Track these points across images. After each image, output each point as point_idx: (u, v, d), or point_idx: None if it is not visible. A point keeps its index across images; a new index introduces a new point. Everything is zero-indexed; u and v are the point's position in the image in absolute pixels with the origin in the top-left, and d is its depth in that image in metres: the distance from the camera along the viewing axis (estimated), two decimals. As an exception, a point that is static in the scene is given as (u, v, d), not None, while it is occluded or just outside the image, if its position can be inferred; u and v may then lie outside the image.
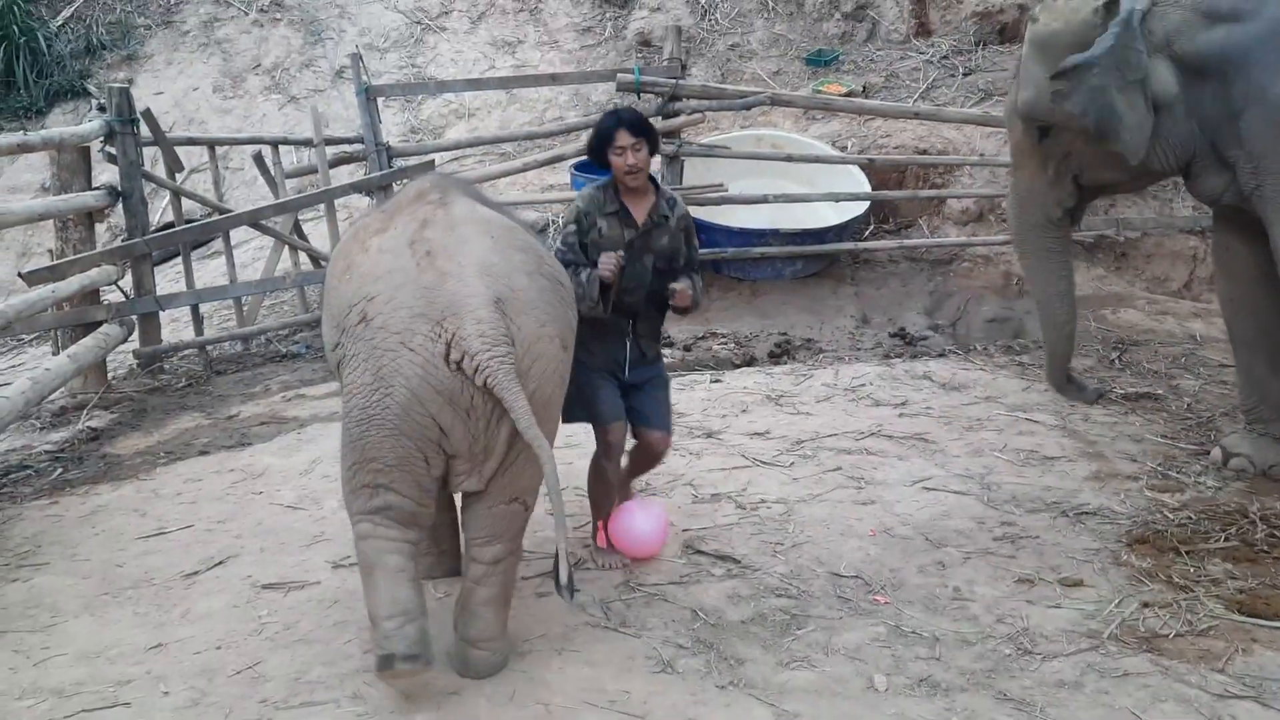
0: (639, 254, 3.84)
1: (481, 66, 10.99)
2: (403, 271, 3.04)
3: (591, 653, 3.40)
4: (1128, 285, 7.75)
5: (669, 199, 3.96)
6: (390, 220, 3.23)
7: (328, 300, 3.30)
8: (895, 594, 3.75)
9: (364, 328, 3.02)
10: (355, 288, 3.10)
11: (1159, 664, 3.31)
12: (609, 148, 3.77)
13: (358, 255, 3.18)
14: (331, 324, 3.21)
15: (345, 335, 3.10)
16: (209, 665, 3.39)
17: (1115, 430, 5.20)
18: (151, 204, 7.84)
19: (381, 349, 2.98)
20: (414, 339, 2.96)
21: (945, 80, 9.82)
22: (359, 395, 3.02)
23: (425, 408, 2.98)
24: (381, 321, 2.99)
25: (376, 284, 3.04)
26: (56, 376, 5.67)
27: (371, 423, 3.00)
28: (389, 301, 3.00)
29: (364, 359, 3.01)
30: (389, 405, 2.98)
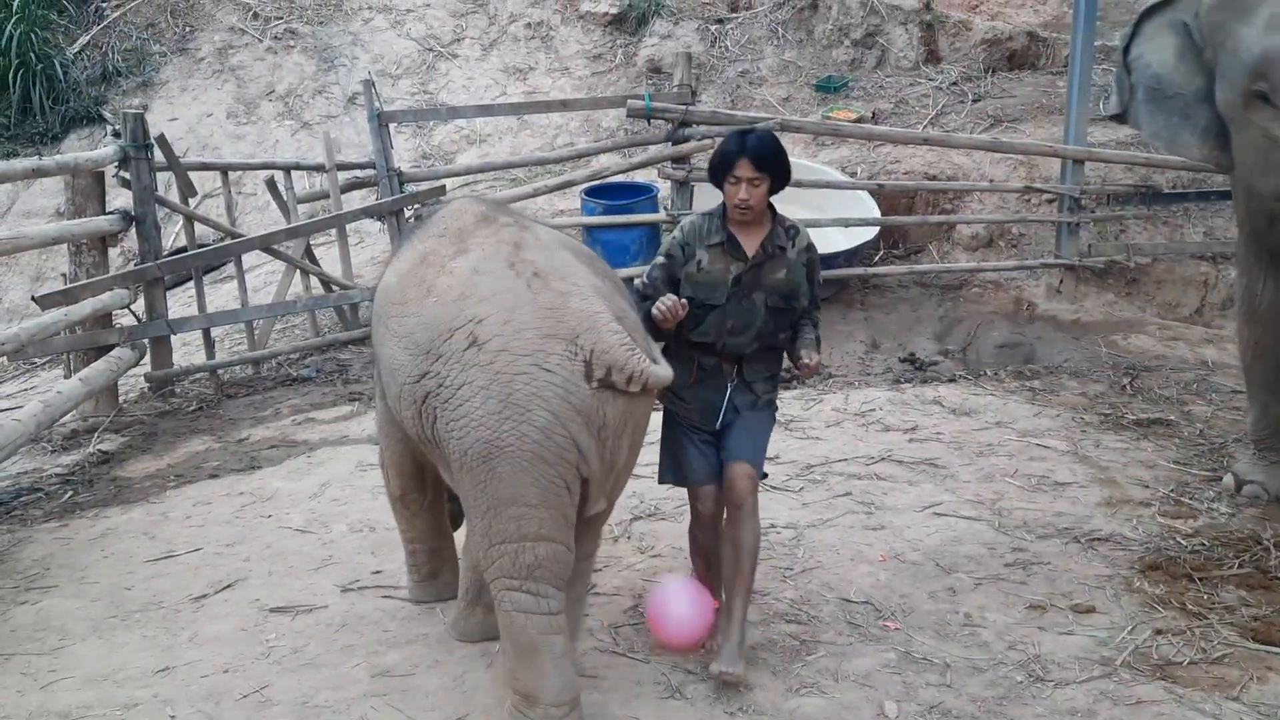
0: (747, 291, 3.40)
1: (493, 93, 11.06)
2: (513, 293, 2.86)
3: (600, 678, 3.38)
4: (1139, 311, 7.73)
5: (789, 228, 3.48)
6: (463, 242, 3.05)
7: (398, 329, 3.03)
8: (906, 620, 3.73)
9: (476, 352, 2.80)
10: (451, 310, 2.87)
11: (1173, 692, 3.28)
12: (727, 174, 3.37)
13: (438, 278, 2.97)
14: (412, 352, 2.95)
15: (442, 362, 2.86)
16: (216, 689, 3.38)
17: (1127, 456, 5.18)
18: (164, 228, 7.88)
19: (509, 373, 2.78)
20: (549, 359, 2.79)
21: (954, 107, 9.85)
22: (482, 427, 2.78)
23: (566, 428, 2.81)
24: (502, 344, 2.79)
25: (482, 305, 2.84)
26: (68, 399, 5.68)
27: (505, 455, 2.78)
28: (506, 323, 2.81)
29: (482, 386, 2.78)
30: (526, 432, 2.77)
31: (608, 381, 2.82)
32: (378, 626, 3.73)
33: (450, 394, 2.83)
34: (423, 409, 2.94)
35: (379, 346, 3.25)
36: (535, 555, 2.88)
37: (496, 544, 2.89)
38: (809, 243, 3.51)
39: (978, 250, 8.46)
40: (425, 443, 3.09)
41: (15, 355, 6.00)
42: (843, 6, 10.95)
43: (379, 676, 3.42)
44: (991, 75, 10.26)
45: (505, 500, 2.83)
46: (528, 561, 2.88)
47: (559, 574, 2.95)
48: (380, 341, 3.21)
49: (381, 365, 3.24)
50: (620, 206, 7.90)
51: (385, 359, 3.14)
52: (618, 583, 4.02)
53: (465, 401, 2.80)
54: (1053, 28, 10.59)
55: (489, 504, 2.85)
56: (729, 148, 3.36)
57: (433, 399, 2.88)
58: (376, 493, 4.85)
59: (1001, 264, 8.05)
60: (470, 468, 2.84)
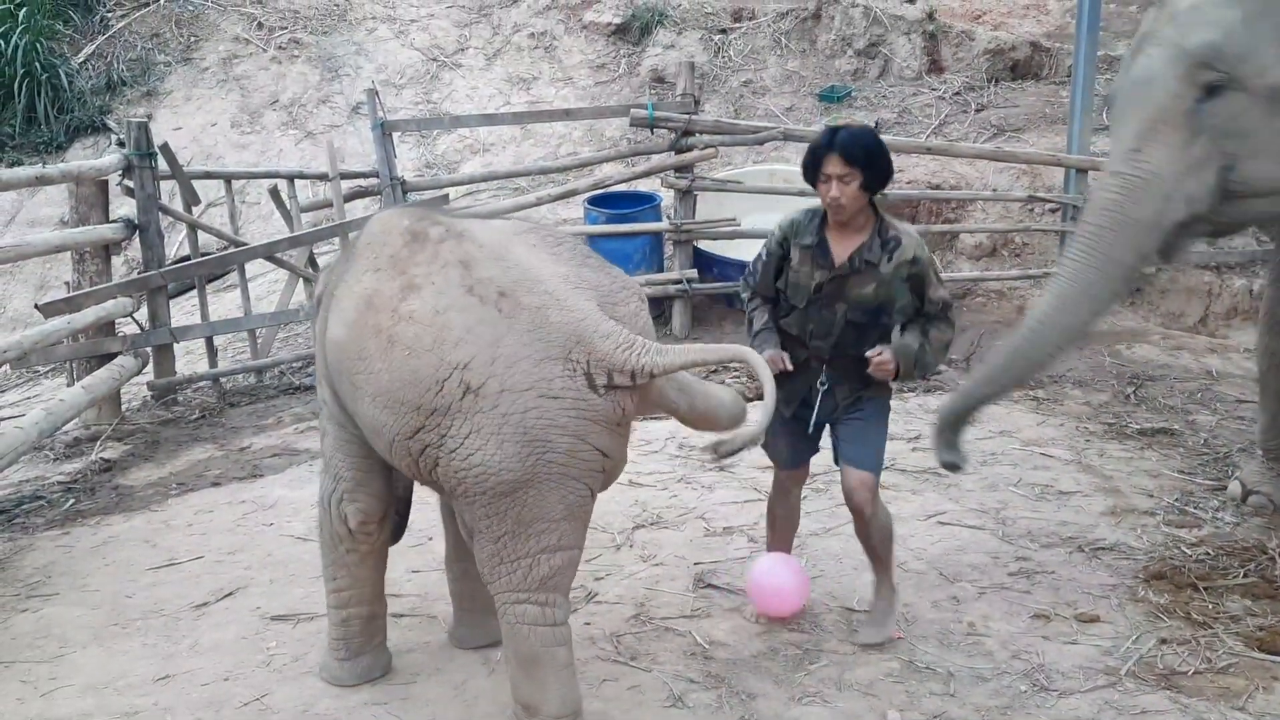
0: (828, 300, 3.31)
1: (497, 102, 11.08)
2: (487, 324, 2.67)
3: (602, 687, 3.37)
4: (1142, 320, 7.72)
5: (890, 239, 3.28)
6: (405, 274, 2.79)
7: (369, 386, 2.79)
8: (909, 629, 3.71)
9: (475, 400, 2.64)
10: (430, 362, 2.66)
11: (1178, 701, 3.26)
12: (817, 171, 3.22)
13: (397, 326, 2.72)
14: (395, 411, 2.74)
15: (439, 416, 2.68)
16: (217, 697, 3.37)
17: (1131, 465, 5.16)
18: (168, 237, 7.88)
19: (517, 412, 2.64)
20: (552, 385, 2.66)
21: (957, 116, 9.86)
22: (504, 470, 2.67)
23: (588, 443, 2.73)
24: (499, 385, 2.63)
25: (460, 349, 2.65)
26: (70, 407, 5.68)
27: (532, 485, 2.71)
28: (494, 361, 2.64)
29: (493, 432, 2.65)
30: (552, 459, 2.69)
31: (613, 384, 2.73)
32: (379, 635, 3.71)
33: (457, 444, 2.69)
34: (421, 459, 2.79)
35: (349, 401, 2.98)
36: (551, 565, 2.84)
37: (510, 560, 2.82)
38: (914, 255, 3.28)
39: (981, 259, 8.46)
40: (421, 479, 2.95)
41: (18, 363, 5.99)
42: (846, 16, 10.97)
43: (380, 684, 3.40)
44: (994, 85, 10.27)
45: (529, 520, 2.76)
46: (542, 573, 2.83)
47: (570, 580, 2.94)
48: (349, 397, 2.96)
49: (359, 420, 2.98)
50: (623, 215, 7.91)
51: (362, 416, 2.91)
52: (620, 591, 4.01)
53: (478, 450, 2.67)
54: (1056, 38, 10.60)
55: (510, 527, 2.78)
56: (818, 143, 3.21)
57: (434, 450, 2.73)
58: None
59: (1005, 273, 8.05)
60: (490, 502, 2.75)
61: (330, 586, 3.37)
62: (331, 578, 3.35)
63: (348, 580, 3.34)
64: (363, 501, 3.24)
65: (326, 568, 3.37)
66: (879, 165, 3.22)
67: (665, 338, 7.69)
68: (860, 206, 3.26)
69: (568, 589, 2.95)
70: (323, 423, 3.29)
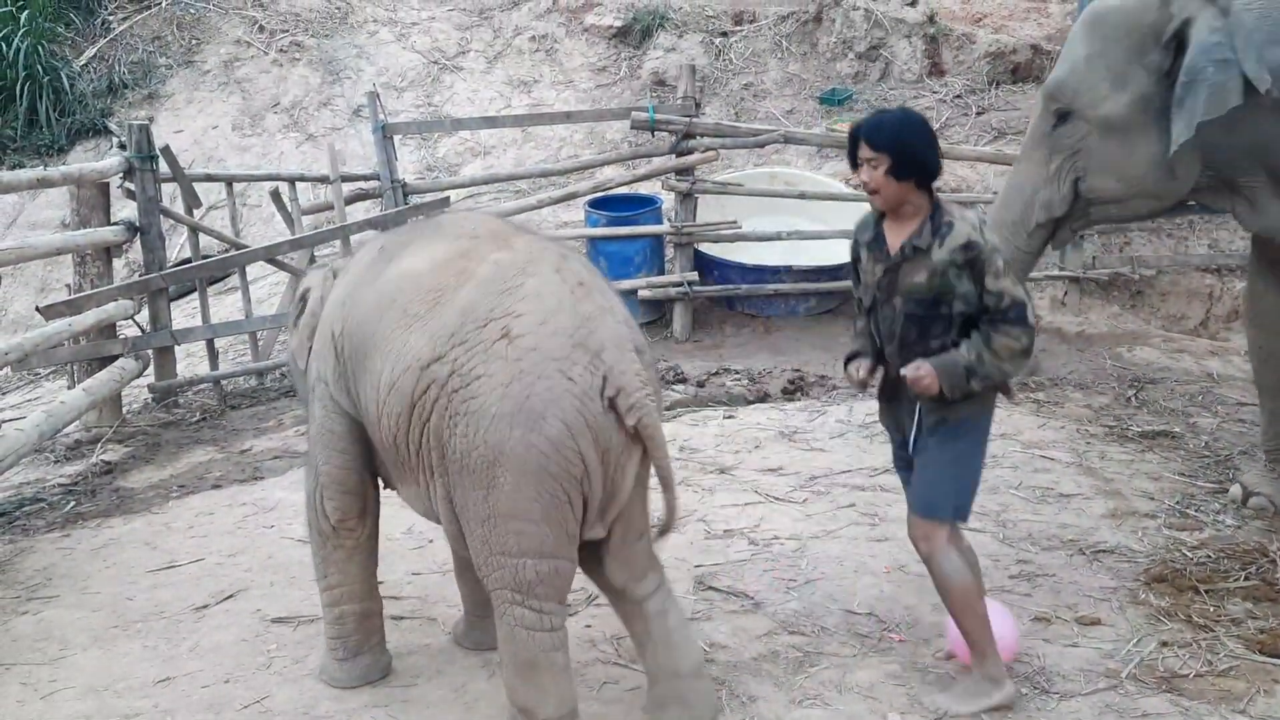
0: (888, 295, 3.12)
1: (498, 105, 11.09)
2: (556, 296, 2.76)
3: (602, 689, 3.37)
4: (1144, 323, 7.72)
5: (943, 224, 3.04)
6: (507, 243, 2.95)
7: (418, 311, 2.85)
8: (910, 632, 3.71)
9: (506, 345, 2.69)
10: (491, 300, 2.75)
11: (1179, 704, 3.25)
12: (854, 159, 3.13)
13: (480, 267, 2.85)
14: (430, 335, 2.78)
15: (465, 349, 2.72)
16: (217, 699, 3.37)
17: (1132, 468, 5.16)
18: (169, 240, 7.89)
19: (532, 375, 2.67)
20: (573, 369, 2.70)
21: (958, 119, 9.86)
22: (492, 430, 2.67)
23: (576, 442, 2.70)
24: (534, 343, 2.69)
25: (524, 302, 2.73)
26: (71, 410, 5.69)
27: (510, 464, 2.67)
28: (542, 324, 2.71)
29: (502, 384, 2.67)
30: (535, 441, 2.66)
31: (613, 404, 2.74)
32: (379, 637, 3.71)
33: (463, 383, 2.70)
34: (417, 404, 2.79)
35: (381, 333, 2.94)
36: (537, 572, 2.79)
37: (496, 555, 2.79)
38: (967, 239, 3.01)
39: (982, 262, 8.44)
40: (397, 450, 2.94)
41: (19, 365, 6.00)
42: (847, 20, 10.97)
43: (380, 687, 3.40)
44: (995, 88, 10.27)
45: (505, 514, 2.73)
46: (528, 578, 2.79)
47: (561, 590, 2.88)
48: (376, 332, 2.94)
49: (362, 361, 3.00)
50: (624, 218, 7.91)
51: (390, 344, 2.89)
52: (620, 594, 4.00)
53: (479, 395, 2.68)
54: (1056, 41, 10.59)
55: (489, 514, 2.74)
56: (851, 132, 3.12)
57: (435, 389, 2.74)
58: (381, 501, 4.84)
59: (1006, 276, 8.03)
60: (472, 469, 2.72)
61: (322, 585, 3.40)
62: (323, 575, 3.39)
63: (338, 577, 3.36)
64: (339, 499, 3.27)
65: (318, 565, 3.40)
66: (908, 150, 3.04)
67: (666, 340, 7.69)
68: (899, 193, 3.06)
69: (561, 599, 2.91)
70: (310, 412, 3.33)
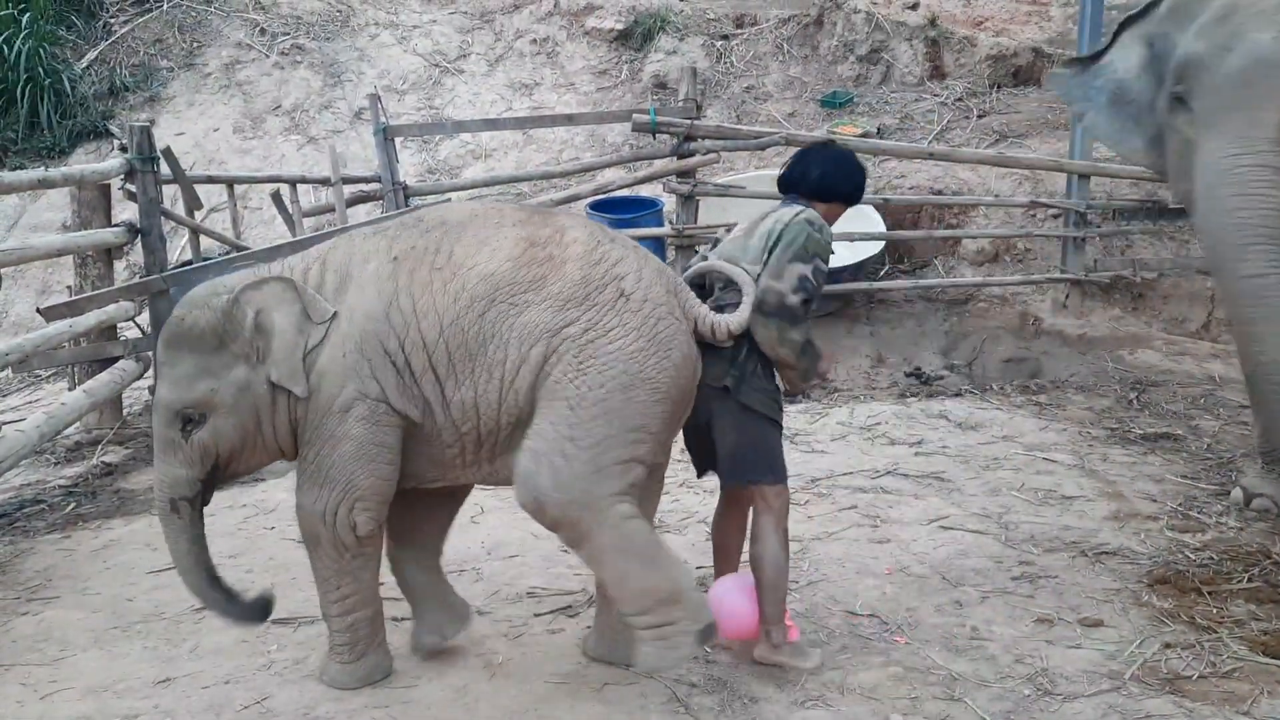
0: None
1: (499, 108, 11.08)
2: (633, 257, 3.27)
3: (604, 690, 3.36)
4: (1145, 326, 7.71)
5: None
6: (550, 226, 3.28)
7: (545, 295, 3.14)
8: (912, 633, 3.70)
9: (625, 301, 3.16)
10: (598, 270, 3.19)
11: (1182, 706, 3.24)
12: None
13: (566, 250, 3.21)
14: (555, 308, 3.12)
15: (595, 310, 3.14)
16: (217, 700, 3.36)
17: (1134, 470, 5.15)
18: (170, 241, 7.89)
19: (655, 317, 3.17)
20: (674, 310, 3.25)
21: (959, 122, 9.85)
22: (631, 360, 3.11)
23: (683, 372, 3.22)
24: (645, 294, 3.19)
25: (619, 266, 3.21)
26: (72, 411, 5.68)
27: (643, 384, 3.13)
28: (640, 280, 3.21)
29: (634, 326, 3.14)
30: (665, 367, 3.16)
31: (695, 333, 3.29)
32: (380, 638, 3.70)
33: (599, 334, 3.12)
34: (548, 361, 3.11)
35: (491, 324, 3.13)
36: (637, 475, 3.17)
37: (607, 465, 3.10)
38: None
39: (983, 265, 8.44)
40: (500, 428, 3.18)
41: (20, 367, 6.00)
42: (848, 23, 10.97)
43: (381, 688, 3.39)
44: (996, 91, 10.26)
45: (634, 426, 3.13)
46: (630, 480, 3.15)
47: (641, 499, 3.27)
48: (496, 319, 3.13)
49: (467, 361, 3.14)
50: (625, 220, 7.90)
51: (513, 329, 3.12)
52: (622, 595, 3.99)
53: (618, 340, 3.12)
54: (1057, 44, 10.60)
55: (615, 430, 3.10)
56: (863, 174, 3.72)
57: (569, 344, 3.10)
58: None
59: (1007, 279, 8.04)
60: (599, 399, 3.09)
61: (333, 596, 3.33)
62: (335, 586, 3.32)
63: (352, 586, 3.32)
64: (375, 510, 3.24)
65: (327, 579, 3.32)
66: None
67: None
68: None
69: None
70: (335, 431, 3.19)
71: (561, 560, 4.29)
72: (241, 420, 3.24)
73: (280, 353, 3.19)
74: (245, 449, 3.31)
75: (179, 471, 3.29)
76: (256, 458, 3.37)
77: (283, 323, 3.20)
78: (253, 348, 3.21)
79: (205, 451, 3.26)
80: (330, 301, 3.22)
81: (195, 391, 3.22)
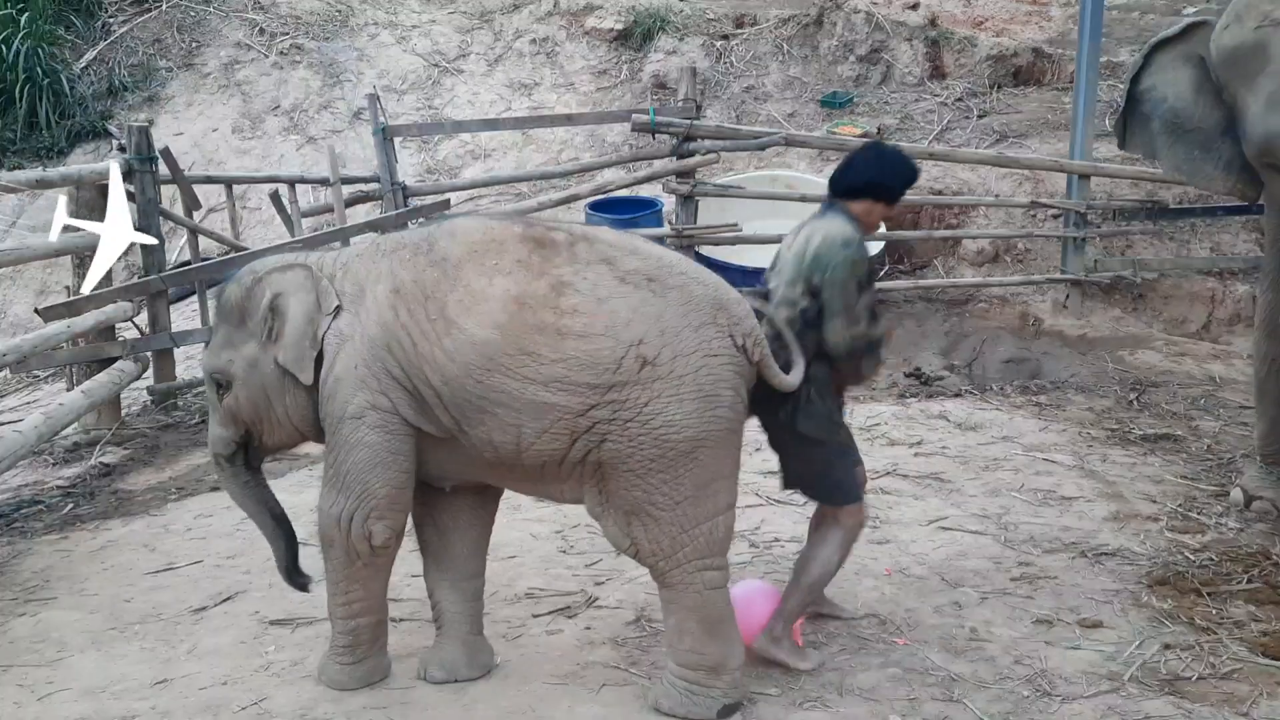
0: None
1: (498, 108, 11.07)
2: (648, 305, 3.02)
3: (602, 692, 3.35)
4: (1145, 326, 7.70)
5: None
6: (552, 274, 3.03)
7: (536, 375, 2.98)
8: (911, 634, 3.69)
9: (652, 369, 2.99)
10: (606, 344, 2.97)
11: (1181, 707, 3.24)
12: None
13: (562, 320, 2.98)
14: (569, 392, 2.98)
15: (618, 390, 2.98)
16: (215, 701, 3.35)
17: (1134, 471, 5.14)
18: (169, 242, 7.89)
19: (690, 373, 3.01)
20: (711, 344, 3.05)
21: (960, 122, 9.84)
22: (684, 428, 3.00)
23: (740, 396, 3.13)
24: (671, 354, 3.00)
25: (630, 329, 2.98)
26: (70, 412, 5.67)
27: (707, 442, 3.04)
28: (662, 334, 3.00)
29: (673, 394, 2.99)
30: (721, 415, 3.06)
31: (743, 348, 3.11)
32: (378, 639, 3.69)
33: (636, 412, 2.99)
34: (586, 435, 3.03)
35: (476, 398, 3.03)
36: (726, 525, 3.17)
37: (692, 527, 3.08)
38: None
39: (983, 265, 8.43)
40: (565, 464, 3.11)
41: (18, 367, 5.99)
42: (848, 23, 10.96)
43: (379, 688, 3.39)
44: (997, 91, 10.25)
45: (707, 481, 3.08)
46: (721, 534, 3.15)
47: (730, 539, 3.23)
48: (499, 388, 3.00)
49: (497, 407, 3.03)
50: (625, 221, 7.90)
51: (521, 401, 3.00)
52: (621, 596, 3.99)
53: (660, 413, 2.99)
54: (1058, 44, 10.59)
55: (690, 492, 3.05)
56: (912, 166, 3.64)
57: (605, 425, 3.00)
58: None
59: (1007, 279, 8.03)
60: (667, 467, 3.02)
61: (340, 599, 3.32)
62: (343, 592, 3.31)
63: (361, 593, 3.32)
64: (391, 519, 3.23)
65: (337, 582, 3.30)
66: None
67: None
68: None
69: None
70: (349, 437, 3.15)
71: (560, 561, 4.28)
72: (252, 395, 3.32)
73: (290, 337, 3.23)
74: (262, 423, 3.37)
75: (218, 430, 3.44)
76: (278, 434, 3.40)
77: (296, 309, 3.23)
78: (265, 327, 3.27)
79: (232, 416, 3.38)
80: (346, 307, 3.20)
81: (219, 360, 3.35)
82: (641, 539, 3.10)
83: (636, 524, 3.09)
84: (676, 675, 3.20)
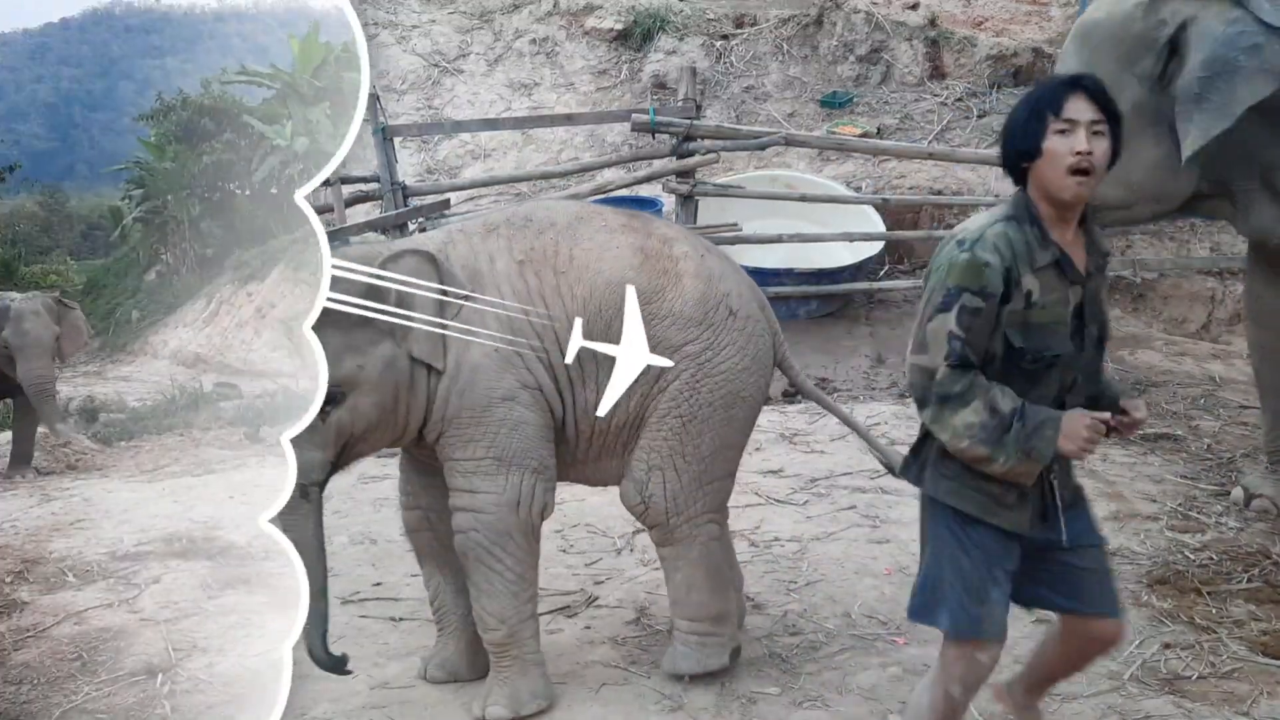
0: (1084, 326, 2.39)
1: (498, 108, 11.07)
2: (731, 269, 3.42)
3: (602, 690, 3.35)
4: (1145, 326, 7.70)
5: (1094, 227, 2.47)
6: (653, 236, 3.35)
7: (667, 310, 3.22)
8: (911, 634, 3.69)
9: (733, 319, 3.29)
10: (712, 288, 3.29)
11: (1181, 706, 3.24)
12: (1046, 127, 2.29)
13: (681, 264, 3.29)
14: (680, 326, 3.24)
15: (711, 330, 3.26)
16: (214, 701, 3.36)
17: (1134, 470, 5.14)
18: (169, 242, 7.87)
19: (753, 334, 3.33)
20: (767, 323, 3.42)
21: (959, 122, 9.84)
22: (734, 380, 3.27)
23: (770, 378, 3.45)
24: (746, 311, 3.34)
25: (724, 282, 3.33)
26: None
27: (742, 403, 3.30)
28: (741, 295, 3.35)
29: (740, 345, 3.29)
30: (760, 385, 3.37)
31: (776, 340, 3.46)
32: (377, 638, 3.70)
33: (714, 354, 3.25)
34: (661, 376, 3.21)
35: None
36: (727, 489, 3.41)
37: (708, 483, 3.29)
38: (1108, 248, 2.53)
39: (983, 265, 8.42)
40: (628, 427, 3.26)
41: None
42: (848, 23, 10.96)
43: (378, 688, 3.39)
44: (996, 91, 10.25)
45: (731, 443, 3.34)
46: (722, 497, 3.39)
47: None
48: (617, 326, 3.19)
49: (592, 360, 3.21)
50: (624, 220, 7.88)
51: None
52: (620, 595, 3.99)
53: (728, 359, 3.26)
54: (1057, 44, 10.58)
55: (715, 448, 3.27)
56: (1049, 86, 2.33)
57: (692, 360, 3.23)
58: (378, 505, 4.84)
59: (1006, 279, 8.01)
60: (706, 417, 3.24)
61: (525, 596, 3.22)
62: (526, 585, 3.22)
63: (532, 576, 3.25)
64: (551, 484, 3.26)
65: (514, 580, 3.17)
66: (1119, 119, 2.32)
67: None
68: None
69: None
70: (506, 417, 3.13)
71: (559, 561, 4.28)
72: (382, 398, 3.10)
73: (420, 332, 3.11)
74: (379, 428, 3.14)
75: (313, 455, 3.04)
76: (383, 437, 3.20)
77: (423, 298, 3.11)
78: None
79: (341, 432, 3.08)
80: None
81: (343, 369, 3.03)
82: (658, 494, 3.25)
83: (656, 478, 3.25)
84: (687, 631, 3.35)
